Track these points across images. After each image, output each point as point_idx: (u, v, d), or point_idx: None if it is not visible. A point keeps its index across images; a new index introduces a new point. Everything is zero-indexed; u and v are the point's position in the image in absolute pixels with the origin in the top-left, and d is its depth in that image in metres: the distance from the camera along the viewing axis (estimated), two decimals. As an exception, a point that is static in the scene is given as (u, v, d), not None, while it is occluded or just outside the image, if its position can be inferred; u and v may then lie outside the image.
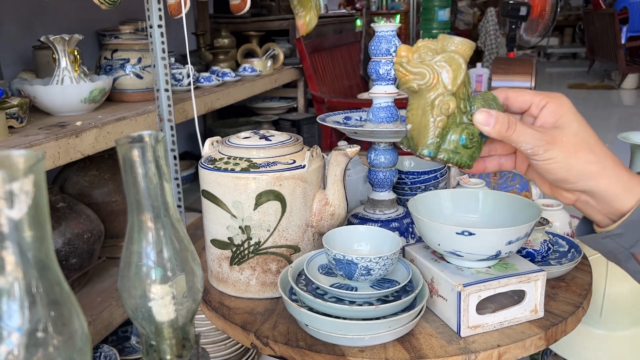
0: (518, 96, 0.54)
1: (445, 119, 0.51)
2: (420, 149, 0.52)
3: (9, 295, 0.34)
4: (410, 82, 0.51)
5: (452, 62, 0.51)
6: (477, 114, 0.51)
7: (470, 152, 0.52)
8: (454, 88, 0.51)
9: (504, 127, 0.50)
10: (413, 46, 0.52)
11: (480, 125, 0.51)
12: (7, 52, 1.57)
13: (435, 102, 0.51)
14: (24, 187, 0.32)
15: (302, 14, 1.68)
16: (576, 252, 0.85)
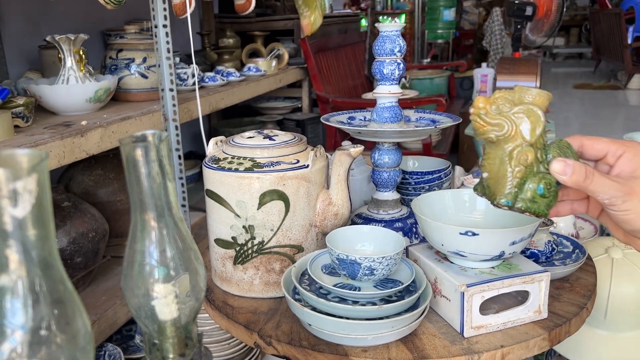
0: (594, 144, 0.55)
1: (524, 170, 0.52)
2: (498, 198, 0.53)
3: (13, 293, 0.34)
4: (489, 133, 0.53)
5: (530, 114, 0.52)
6: (554, 163, 0.51)
7: (548, 201, 0.53)
8: (533, 139, 0.52)
9: (581, 177, 0.51)
10: (490, 97, 0.53)
11: (557, 175, 0.51)
12: (13, 51, 1.58)
13: (513, 153, 0.52)
14: (27, 186, 0.32)
15: (307, 14, 1.68)
16: (580, 252, 0.85)
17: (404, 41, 0.84)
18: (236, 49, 2.21)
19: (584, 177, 0.51)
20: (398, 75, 0.85)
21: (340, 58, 2.74)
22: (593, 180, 0.51)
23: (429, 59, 4.44)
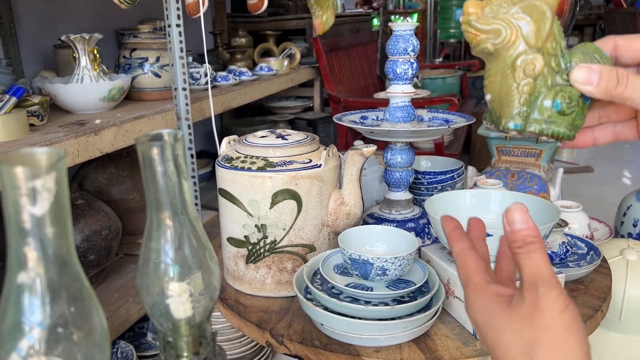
0: (630, 43, 0.42)
1: (532, 82, 0.42)
2: (504, 121, 0.43)
3: (31, 290, 0.34)
4: (484, 43, 0.43)
5: (533, 10, 0.41)
6: (575, 71, 0.41)
7: (570, 120, 0.42)
8: (539, 42, 0.41)
9: (612, 83, 0.39)
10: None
11: (580, 86, 0.40)
12: (29, 50, 1.59)
13: (516, 62, 0.42)
14: (46, 184, 0.32)
15: (319, 14, 1.68)
16: (595, 254, 0.84)
17: (417, 40, 0.84)
18: (248, 49, 2.22)
19: (616, 83, 0.39)
20: (411, 75, 0.84)
21: (352, 57, 2.74)
22: (628, 85, 0.39)
23: (441, 58, 4.41)
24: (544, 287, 0.37)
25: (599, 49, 0.43)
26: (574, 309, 0.37)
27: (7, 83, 1.33)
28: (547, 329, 0.36)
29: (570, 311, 0.37)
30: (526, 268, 0.38)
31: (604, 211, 1.87)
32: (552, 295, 0.36)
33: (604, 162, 3.23)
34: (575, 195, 2.26)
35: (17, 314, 0.34)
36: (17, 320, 0.34)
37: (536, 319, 0.37)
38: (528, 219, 0.39)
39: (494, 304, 0.40)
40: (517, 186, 1.23)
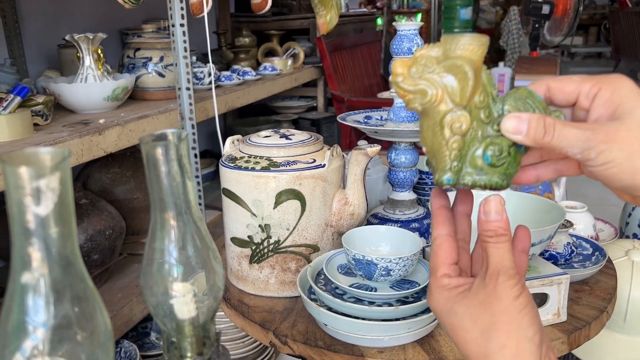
0: (563, 86, 0.43)
1: (460, 139, 0.42)
2: (437, 175, 0.44)
3: (35, 291, 0.34)
4: (412, 103, 0.43)
5: (456, 70, 0.42)
6: (505, 120, 0.41)
7: (502, 170, 0.43)
8: (464, 101, 0.42)
9: (540, 133, 0.40)
10: (411, 58, 0.44)
11: (510, 135, 0.41)
12: (33, 50, 1.60)
13: (444, 121, 0.43)
14: (50, 184, 0.32)
15: (322, 13, 1.68)
16: (600, 255, 0.83)
17: (421, 40, 0.84)
18: (252, 48, 2.22)
19: (543, 132, 0.40)
20: (416, 75, 0.84)
21: (356, 57, 2.74)
22: (555, 134, 0.40)
23: (445, 58, 4.39)
24: (504, 275, 0.40)
25: (532, 93, 0.43)
26: (527, 295, 0.40)
27: (11, 82, 1.34)
28: (503, 312, 0.39)
29: (524, 297, 0.40)
30: (492, 257, 0.41)
31: (609, 212, 1.87)
32: (510, 283, 0.40)
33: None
34: (580, 196, 2.25)
35: (21, 314, 0.34)
36: (21, 321, 0.34)
37: (494, 303, 0.40)
38: (503, 211, 0.41)
39: (453, 295, 0.43)
40: (521, 187, 1.22)
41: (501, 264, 0.40)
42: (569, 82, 0.42)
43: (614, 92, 0.40)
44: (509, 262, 0.40)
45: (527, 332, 0.39)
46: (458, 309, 0.42)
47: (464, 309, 0.41)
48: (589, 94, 0.41)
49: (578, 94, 0.42)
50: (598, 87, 0.41)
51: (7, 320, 0.34)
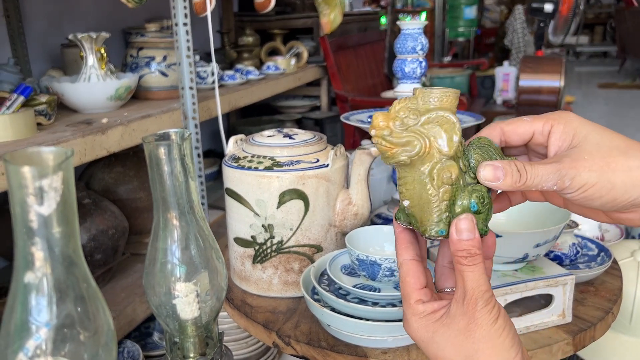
0: (516, 128, 0.46)
1: (450, 189, 0.43)
2: (428, 228, 0.44)
3: (38, 290, 0.34)
4: (399, 156, 0.43)
5: (442, 120, 0.43)
6: (482, 170, 0.43)
7: (484, 216, 0.44)
8: (452, 151, 0.43)
9: (515, 177, 0.43)
10: (390, 112, 0.44)
11: (488, 183, 0.43)
12: (36, 50, 1.60)
13: (433, 173, 0.43)
14: (53, 184, 0.32)
15: (326, 12, 1.68)
16: (606, 256, 0.83)
17: (426, 39, 0.83)
18: (255, 48, 2.21)
19: (519, 177, 0.42)
20: (420, 74, 0.84)
21: (360, 56, 2.73)
22: (528, 175, 0.42)
23: (450, 57, 4.40)
24: (482, 301, 0.41)
25: (490, 141, 0.46)
26: (503, 314, 0.42)
27: (14, 82, 1.34)
28: (484, 339, 0.41)
29: (502, 317, 0.41)
30: (468, 282, 0.41)
31: (614, 212, 1.85)
32: (488, 308, 0.41)
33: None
34: (584, 196, 2.23)
35: (24, 313, 0.34)
36: (24, 320, 0.34)
37: (475, 331, 0.41)
38: (475, 230, 0.42)
39: (431, 323, 0.43)
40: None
41: (478, 289, 0.41)
42: (521, 123, 0.46)
43: (565, 125, 0.44)
44: (485, 286, 0.41)
45: (509, 354, 0.41)
46: (439, 338, 0.42)
47: (445, 338, 0.42)
48: (543, 131, 0.45)
49: (532, 133, 0.46)
50: (550, 124, 0.45)
51: (10, 320, 0.34)
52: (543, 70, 1.87)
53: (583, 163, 0.42)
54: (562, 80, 1.85)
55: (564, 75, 1.87)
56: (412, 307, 0.44)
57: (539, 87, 1.85)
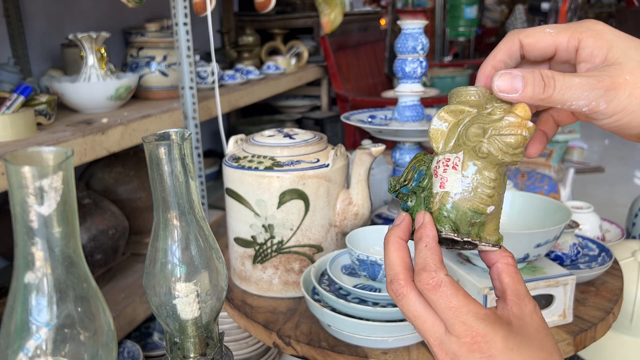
0: (536, 43, 0.39)
1: None
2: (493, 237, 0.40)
3: (38, 290, 0.34)
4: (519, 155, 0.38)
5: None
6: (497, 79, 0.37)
7: None
8: None
9: (539, 88, 0.36)
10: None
11: (504, 95, 0.37)
12: (36, 49, 1.60)
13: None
14: (53, 184, 0.32)
15: (327, 12, 1.67)
16: (607, 256, 0.83)
17: (426, 39, 0.83)
18: (256, 47, 2.21)
19: (543, 86, 0.36)
20: (420, 74, 0.84)
21: (360, 56, 2.73)
22: (556, 86, 0.36)
23: (450, 57, 4.40)
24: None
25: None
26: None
27: (14, 82, 1.34)
28: None
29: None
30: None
31: (615, 212, 1.86)
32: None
33: (615, 162, 3.20)
34: (586, 196, 2.24)
35: (24, 313, 0.34)
36: (24, 320, 0.34)
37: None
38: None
39: None
40: (527, 186, 1.22)
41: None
42: (542, 36, 0.39)
43: (597, 38, 0.37)
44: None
45: None
46: None
47: None
48: (569, 47, 0.38)
49: (555, 47, 0.39)
50: (577, 39, 0.38)
51: (11, 320, 0.34)
52: (543, 70, 1.87)
53: (623, 84, 0.35)
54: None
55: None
56: None
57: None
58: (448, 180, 0.39)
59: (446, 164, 0.40)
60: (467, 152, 0.39)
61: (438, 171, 0.40)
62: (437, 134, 0.41)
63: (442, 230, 0.39)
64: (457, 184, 0.39)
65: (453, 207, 0.39)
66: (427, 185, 0.41)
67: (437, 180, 0.40)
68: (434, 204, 0.40)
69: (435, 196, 0.40)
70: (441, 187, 0.39)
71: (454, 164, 0.39)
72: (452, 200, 0.39)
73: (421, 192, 0.41)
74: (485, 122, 0.38)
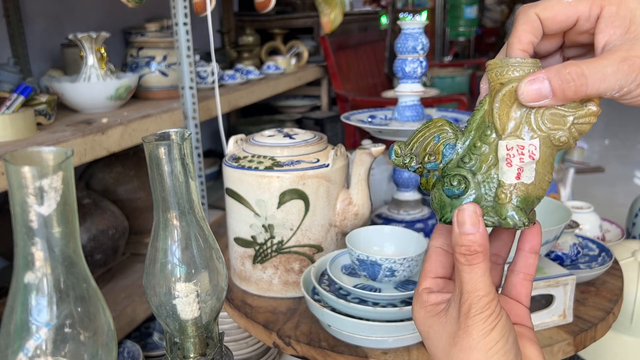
0: (555, 15, 0.37)
1: None
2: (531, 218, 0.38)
3: (38, 290, 0.34)
4: None
5: None
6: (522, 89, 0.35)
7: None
8: None
9: (570, 90, 0.34)
10: None
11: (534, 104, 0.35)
12: (36, 49, 1.60)
13: None
14: (53, 184, 0.32)
15: (327, 12, 1.67)
16: (607, 256, 0.83)
17: (426, 38, 0.83)
18: (256, 47, 2.21)
19: (574, 86, 0.34)
20: (420, 74, 0.84)
21: (360, 56, 2.73)
22: (589, 83, 0.34)
23: (451, 57, 4.40)
24: (476, 307, 0.36)
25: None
26: (503, 325, 0.36)
27: (14, 82, 1.34)
28: (471, 349, 0.36)
29: (498, 329, 0.36)
30: (466, 284, 0.36)
31: (616, 212, 1.86)
32: (482, 316, 0.36)
33: (615, 162, 3.20)
34: (586, 196, 2.24)
35: (24, 313, 0.34)
36: (24, 320, 0.34)
37: (463, 339, 0.36)
38: (479, 223, 0.36)
39: (430, 316, 0.39)
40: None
41: (475, 293, 0.36)
42: (561, 8, 0.36)
43: (620, 7, 0.35)
44: (483, 290, 0.36)
45: None
46: (433, 335, 0.39)
47: (437, 337, 0.38)
48: (590, 16, 0.36)
49: (576, 19, 0.37)
50: (599, 6, 0.35)
51: (10, 320, 0.34)
52: (544, 69, 1.87)
53: None
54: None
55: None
56: (418, 293, 0.41)
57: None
58: (524, 170, 0.36)
59: (521, 152, 0.36)
60: (542, 139, 0.36)
61: (513, 160, 0.36)
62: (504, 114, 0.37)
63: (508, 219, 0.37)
64: (531, 173, 0.36)
65: (525, 198, 0.37)
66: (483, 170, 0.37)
67: (511, 171, 0.36)
68: (506, 196, 0.36)
69: (508, 187, 0.36)
70: (517, 179, 0.36)
71: (531, 153, 0.36)
72: (527, 190, 0.37)
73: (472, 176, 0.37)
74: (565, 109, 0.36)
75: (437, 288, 0.41)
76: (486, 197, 0.37)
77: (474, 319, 0.36)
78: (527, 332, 0.40)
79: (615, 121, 4.55)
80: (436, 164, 0.39)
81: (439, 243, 0.41)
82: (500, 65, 0.37)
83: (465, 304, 0.36)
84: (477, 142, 0.38)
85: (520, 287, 0.41)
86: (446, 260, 0.41)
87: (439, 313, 0.39)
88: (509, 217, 0.36)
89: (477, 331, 0.36)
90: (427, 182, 0.40)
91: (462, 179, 0.37)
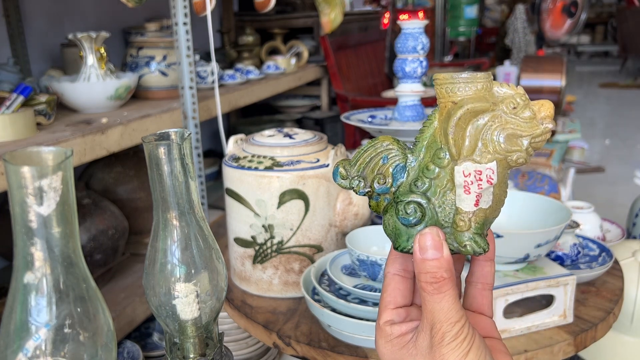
0: None
1: None
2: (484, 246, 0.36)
3: (37, 290, 0.34)
4: None
5: None
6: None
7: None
8: None
9: None
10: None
11: None
12: (36, 49, 1.60)
13: None
14: (52, 184, 0.32)
15: (327, 12, 1.67)
16: (607, 256, 0.83)
17: (427, 38, 0.83)
18: (256, 47, 2.21)
19: None
20: (420, 73, 0.84)
21: (360, 56, 2.73)
22: None
23: (451, 56, 4.40)
24: (450, 335, 0.35)
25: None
26: (477, 346, 0.35)
27: (14, 82, 1.34)
28: None
29: (474, 350, 0.35)
30: (437, 314, 0.35)
31: (616, 212, 1.86)
32: (456, 343, 0.35)
33: (616, 163, 3.20)
34: (587, 196, 2.24)
35: (23, 314, 0.34)
36: (23, 320, 0.34)
37: None
38: (442, 246, 0.35)
39: (397, 349, 0.38)
40: (527, 186, 1.22)
41: (447, 322, 0.35)
42: None
43: None
44: (455, 317, 0.35)
45: None
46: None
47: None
48: None
49: None
50: None
51: (10, 320, 0.34)
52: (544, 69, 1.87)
53: None
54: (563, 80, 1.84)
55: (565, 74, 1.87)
56: (380, 327, 0.39)
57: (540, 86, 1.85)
58: (482, 196, 0.35)
59: (479, 177, 0.34)
60: (499, 161, 0.35)
61: (471, 188, 0.34)
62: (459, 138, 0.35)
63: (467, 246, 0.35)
64: (489, 197, 0.35)
65: (484, 223, 0.35)
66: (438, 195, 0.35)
67: (469, 198, 0.35)
68: (465, 224, 0.35)
69: (466, 214, 0.35)
70: (476, 205, 0.35)
71: (489, 178, 0.34)
72: (485, 214, 0.35)
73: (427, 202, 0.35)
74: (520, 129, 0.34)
75: (399, 319, 0.39)
76: (443, 224, 0.36)
77: (449, 347, 0.35)
78: (497, 345, 0.39)
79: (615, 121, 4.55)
80: (387, 188, 0.37)
81: (395, 269, 0.40)
82: (451, 82, 0.35)
83: (439, 333, 0.35)
84: (430, 165, 0.36)
85: (481, 298, 0.40)
86: (404, 287, 0.40)
87: (406, 345, 0.38)
88: (468, 245, 0.35)
89: (454, 357, 0.35)
90: (377, 205, 0.38)
91: (418, 206, 0.36)
